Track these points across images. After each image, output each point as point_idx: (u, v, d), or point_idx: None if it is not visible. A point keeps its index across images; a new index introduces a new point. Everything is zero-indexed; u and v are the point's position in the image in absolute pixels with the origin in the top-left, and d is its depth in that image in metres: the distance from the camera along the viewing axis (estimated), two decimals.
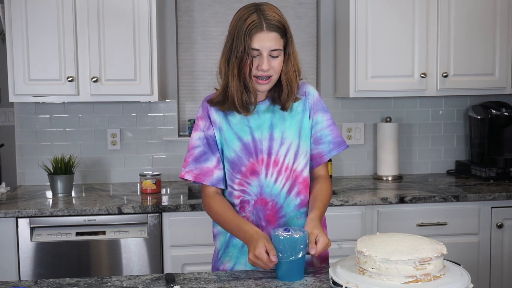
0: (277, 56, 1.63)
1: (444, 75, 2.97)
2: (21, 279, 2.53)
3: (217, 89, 1.73)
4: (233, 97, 1.65)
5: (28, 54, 2.76)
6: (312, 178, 1.79)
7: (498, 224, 2.75)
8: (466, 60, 3.00)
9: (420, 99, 3.37)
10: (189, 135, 3.23)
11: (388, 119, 3.23)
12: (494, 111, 3.14)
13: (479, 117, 3.20)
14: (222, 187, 1.74)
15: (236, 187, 1.72)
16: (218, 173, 1.73)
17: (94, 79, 2.79)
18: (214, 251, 1.82)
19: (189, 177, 1.72)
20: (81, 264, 2.55)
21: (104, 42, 2.80)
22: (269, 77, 1.64)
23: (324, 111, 1.77)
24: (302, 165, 1.73)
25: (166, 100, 3.23)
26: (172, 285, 1.48)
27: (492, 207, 2.75)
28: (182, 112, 3.30)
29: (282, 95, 1.68)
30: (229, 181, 1.73)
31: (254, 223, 1.71)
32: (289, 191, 1.72)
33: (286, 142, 1.70)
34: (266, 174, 1.70)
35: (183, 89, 3.30)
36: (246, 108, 1.67)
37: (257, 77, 1.64)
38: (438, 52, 2.98)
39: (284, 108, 1.70)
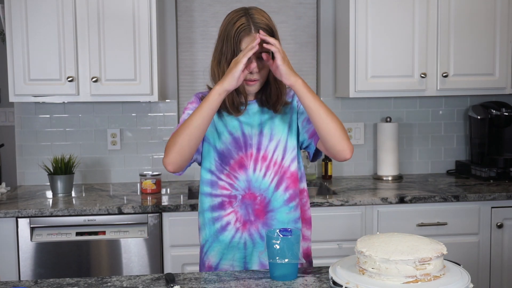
0: (264, 59, 1.66)
1: (444, 75, 2.97)
2: (21, 279, 2.53)
3: (209, 87, 1.78)
4: (224, 99, 1.67)
5: (28, 54, 2.76)
6: None
7: (498, 224, 2.75)
8: (466, 60, 3.00)
9: (420, 99, 3.37)
10: None
11: (388, 119, 3.23)
12: (494, 111, 3.14)
13: (479, 117, 3.20)
14: (193, 161, 1.72)
15: (223, 177, 1.74)
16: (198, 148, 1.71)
17: (94, 79, 2.79)
18: (200, 245, 1.81)
19: (174, 131, 1.68)
20: (81, 264, 2.55)
21: (104, 42, 2.80)
22: (257, 78, 1.69)
23: None
24: (289, 160, 1.75)
25: (166, 100, 3.23)
26: (172, 285, 1.48)
27: (492, 207, 2.75)
28: (182, 112, 3.30)
29: (271, 98, 1.73)
30: (217, 171, 1.74)
31: (242, 218, 1.73)
32: (277, 186, 1.74)
33: (275, 138, 1.74)
34: (255, 169, 1.73)
35: (183, 89, 3.30)
36: (237, 109, 1.73)
37: (246, 78, 1.68)
38: (438, 52, 2.98)
39: (275, 110, 1.75)
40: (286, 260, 1.48)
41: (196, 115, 1.61)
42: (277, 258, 1.49)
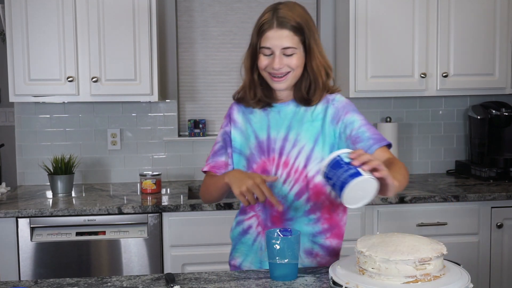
0: (291, 54, 1.62)
1: (444, 75, 2.97)
2: (21, 279, 2.53)
3: (237, 98, 1.80)
4: (245, 91, 1.71)
5: (28, 54, 2.76)
6: None
7: (498, 224, 2.75)
8: (466, 60, 3.00)
9: (420, 99, 3.37)
10: (189, 135, 3.24)
11: (388, 119, 3.23)
12: (494, 111, 3.14)
13: (479, 117, 3.20)
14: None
15: None
16: (230, 168, 1.76)
17: (94, 79, 2.79)
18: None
19: (206, 168, 1.79)
20: (81, 264, 2.55)
21: (104, 42, 2.80)
22: (284, 74, 1.63)
23: (356, 112, 1.69)
24: (314, 171, 1.66)
25: (166, 100, 3.23)
26: (172, 285, 1.48)
27: (492, 207, 2.75)
28: (182, 112, 3.30)
29: (309, 90, 1.67)
30: None
31: (262, 222, 1.72)
32: (298, 195, 1.68)
33: (298, 145, 1.67)
34: (275, 174, 1.68)
35: (183, 89, 3.30)
36: (258, 101, 1.70)
37: (271, 74, 1.64)
38: (438, 52, 2.98)
39: (309, 103, 1.67)
40: (286, 260, 1.48)
41: (212, 189, 1.73)
42: (277, 258, 1.48)
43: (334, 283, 1.37)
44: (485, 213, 2.75)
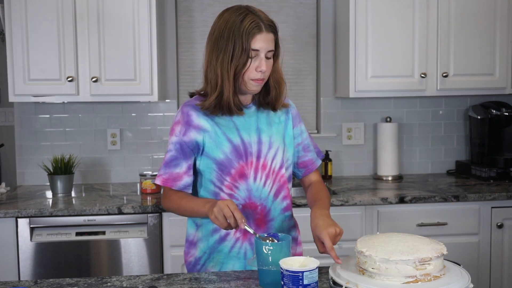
0: (270, 58, 1.66)
1: (444, 75, 2.97)
2: (21, 279, 2.53)
3: (193, 94, 1.76)
4: (228, 100, 1.64)
5: (28, 54, 2.76)
6: (306, 185, 1.88)
7: (498, 224, 2.75)
8: (466, 60, 3.00)
9: (420, 99, 3.37)
10: None
11: (388, 119, 3.23)
12: (494, 111, 3.14)
13: (479, 117, 3.20)
14: (189, 192, 1.72)
15: (225, 189, 1.69)
16: (187, 179, 1.70)
17: (94, 79, 2.79)
18: (190, 258, 1.78)
19: (158, 181, 1.71)
20: (81, 264, 2.55)
21: (104, 42, 2.79)
22: (263, 77, 1.67)
23: (302, 120, 1.88)
24: (287, 171, 1.77)
25: (166, 100, 3.23)
26: None
27: (492, 207, 2.75)
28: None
29: (270, 95, 1.72)
30: (218, 182, 1.69)
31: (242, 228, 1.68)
32: (276, 195, 1.74)
33: (273, 147, 1.73)
34: (255, 178, 1.70)
35: (183, 89, 3.30)
36: (239, 109, 1.69)
37: (252, 77, 1.64)
38: (438, 52, 2.98)
39: (274, 108, 1.74)
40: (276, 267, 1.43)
41: (188, 211, 1.68)
42: (269, 266, 1.43)
43: (334, 283, 1.37)
44: (485, 213, 2.75)
